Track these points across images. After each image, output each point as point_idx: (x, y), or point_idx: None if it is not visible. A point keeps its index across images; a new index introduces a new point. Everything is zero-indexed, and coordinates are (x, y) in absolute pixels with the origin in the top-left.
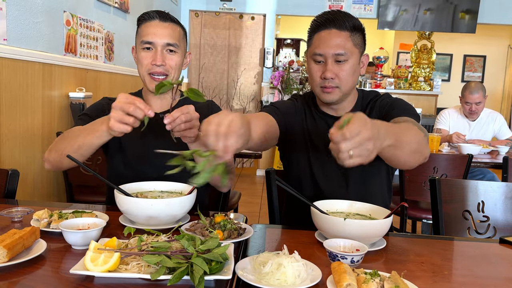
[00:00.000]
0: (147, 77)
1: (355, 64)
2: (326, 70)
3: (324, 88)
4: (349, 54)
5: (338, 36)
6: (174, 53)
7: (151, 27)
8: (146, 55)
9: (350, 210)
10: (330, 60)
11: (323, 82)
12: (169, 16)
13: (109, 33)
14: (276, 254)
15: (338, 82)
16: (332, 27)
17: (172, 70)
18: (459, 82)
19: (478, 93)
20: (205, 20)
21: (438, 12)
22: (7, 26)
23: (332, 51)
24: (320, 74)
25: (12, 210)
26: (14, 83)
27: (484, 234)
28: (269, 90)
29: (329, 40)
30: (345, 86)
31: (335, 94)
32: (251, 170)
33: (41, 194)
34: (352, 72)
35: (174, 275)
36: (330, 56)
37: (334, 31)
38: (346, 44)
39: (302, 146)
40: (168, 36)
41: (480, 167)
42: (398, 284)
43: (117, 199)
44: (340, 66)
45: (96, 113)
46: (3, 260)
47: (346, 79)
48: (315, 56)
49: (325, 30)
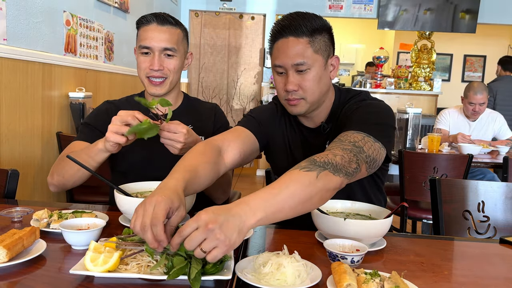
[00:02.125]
0: (146, 81)
1: (319, 71)
2: (288, 82)
3: (289, 101)
4: (310, 63)
5: (295, 44)
6: (172, 57)
7: (149, 31)
8: (145, 59)
9: (350, 210)
10: (291, 71)
11: (286, 94)
12: (167, 19)
13: (109, 33)
14: (276, 254)
15: (302, 93)
16: (288, 34)
17: (170, 73)
18: (459, 82)
19: (482, 94)
20: (205, 20)
21: (438, 12)
22: (7, 26)
23: (290, 61)
24: (283, 86)
25: (12, 210)
26: (14, 83)
27: (484, 234)
28: (269, 90)
29: (287, 49)
30: (311, 96)
31: (302, 106)
32: (251, 170)
33: (41, 194)
34: (317, 80)
35: (173, 271)
36: (290, 66)
37: (292, 39)
38: (306, 52)
39: (283, 155)
40: (166, 41)
41: (480, 167)
42: (398, 284)
43: (117, 199)
44: (302, 76)
45: (98, 118)
46: (3, 260)
47: (311, 89)
48: (276, 68)
49: (282, 38)
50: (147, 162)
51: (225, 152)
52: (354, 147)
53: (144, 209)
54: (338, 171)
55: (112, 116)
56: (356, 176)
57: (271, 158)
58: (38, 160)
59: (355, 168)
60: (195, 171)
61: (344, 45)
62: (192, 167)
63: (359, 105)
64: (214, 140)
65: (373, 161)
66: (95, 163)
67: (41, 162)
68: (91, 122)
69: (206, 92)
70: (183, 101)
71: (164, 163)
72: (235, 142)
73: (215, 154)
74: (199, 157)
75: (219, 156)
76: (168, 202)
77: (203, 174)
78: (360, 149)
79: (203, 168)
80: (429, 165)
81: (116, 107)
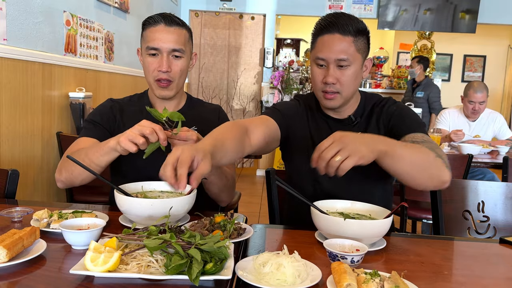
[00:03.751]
0: (155, 84)
1: (357, 69)
2: (328, 75)
3: (325, 94)
4: (351, 60)
5: (341, 41)
6: (179, 58)
7: (157, 32)
8: (153, 61)
9: (350, 210)
10: (332, 65)
11: (324, 86)
12: (174, 20)
13: (109, 33)
14: (276, 254)
15: (339, 87)
16: (335, 31)
17: (176, 76)
18: (459, 82)
19: (482, 92)
20: (205, 20)
21: (438, 12)
22: (7, 26)
23: (334, 56)
24: (322, 79)
25: (12, 210)
26: (14, 83)
27: (484, 234)
28: (269, 90)
29: (332, 45)
30: (347, 91)
31: (336, 101)
32: (251, 170)
33: (41, 194)
34: (354, 77)
35: (172, 266)
36: (332, 61)
37: (338, 36)
38: (349, 50)
39: (304, 147)
40: (174, 42)
41: (480, 167)
42: (398, 284)
43: (117, 199)
44: (342, 71)
45: (101, 116)
46: (3, 260)
47: (348, 85)
48: (317, 60)
49: (328, 34)
50: (147, 162)
51: (251, 133)
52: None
53: (172, 152)
54: (448, 168)
55: (116, 115)
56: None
57: (289, 152)
58: (38, 160)
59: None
60: (222, 142)
61: None
62: (222, 140)
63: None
64: (241, 122)
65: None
66: (104, 163)
67: (41, 162)
68: (96, 119)
69: (206, 92)
70: (186, 102)
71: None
72: (261, 126)
73: (242, 133)
74: (228, 132)
75: (246, 135)
76: (193, 152)
77: (230, 147)
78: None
79: (230, 142)
80: None
81: (120, 106)
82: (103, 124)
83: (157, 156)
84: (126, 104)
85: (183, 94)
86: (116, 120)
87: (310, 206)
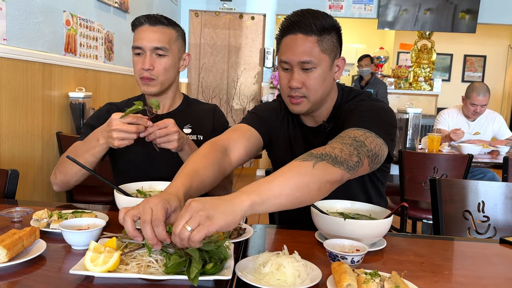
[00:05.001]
0: (140, 81)
1: (324, 71)
2: (292, 79)
3: (292, 98)
4: (316, 62)
5: (304, 41)
6: (163, 57)
7: (141, 32)
8: (138, 60)
9: (350, 210)
10: (296, 68)
11: (290, 91)
12: (159, 20)
13: (109, 33)
14: (276, 254)
15: (305, 91)
16: (298, 31)
17: (159, 74)
18: (459, 82)
19: (485, 96)
20: (205, 20)
21: (438, 12)
22: (7, 26)
23: (296, 58)
24: (287, 83)
25: (12, 210)
26: (14, 83)
27: (484, 234)
28: (269, 90)
29: (295, 46)
30: (314, 96)
31: (303, 105)
32: (251, 170)
33: (41, 194)
34: (321, 80)
35: (171, 265)
36: (296, 64)
37: (300, 36)
38: (313, 51)
39: (284, 152)
40: (156, 40)
41: (480, 167)
42: (398, 284)
43: (117, 199)
44: (307, 74)
45: (98, 119)
46: (3, 260)
47: (315, 89)
48: (282, 63)
49: (290, 34)
50: (147, 160)
51: (231, 152)
52: (354, 141)
53: (143, 208)
54: (338, 164)
55: None
56: (358, 170)
57: (273, 155)
58: (38, 160)
59: (356, 162)
60: (197, 175)
61: (344, 45)
62: (194, 171)
63: (359, 104)
64: (219, 140)
65: (375, 155)
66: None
67: (41, 162)
68: (93, 123)
69: (206, 92)
70: (183, 102)
71: (164, 161)
72: (240, 141)
73: (220, 155)
74: (202, 160)
75: (225, 156)
76: (166, 204)
77: (206, 175)
78: (361, 143)
79: (206, 171)
80: (429, 165)
81: (118, 108)
82: None
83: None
84: (124, 106)
85: (178, 94)
86: None
87: (310, 206)
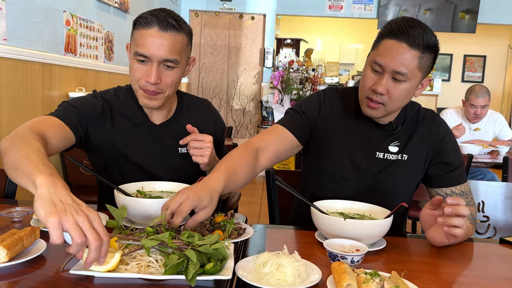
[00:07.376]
0: (139, 91)
1: (412, 86)
2: (379, 84)
3: (369, 101)
4: (409, 76)
5: (406, 53)
6: (172, 69)
7: (149, 37)
8: (140, 68)
9: (350, 210)
10: (388, 75)
11: (371, 93)
12: (170, 23)
13: (109, 33)
14: (276, 254)
15: (386, 99)
16: (403, 40)
17: (166, 88)
18: (459, 82)
19: (484, 97)
20: (205, 20)
21: (438, 12)
22: (7, 26)
23: (393, 66)
24: (372, 85)
25: (12, 210)
26: (14, 83)
27: (484, 234)
28: (269, 90)
29: (396, 54)
30: (392, 106)
31: (379, 112)
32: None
33: None
34: (406, 94)
35: (169, 266)
36: (390, 71)
37: (404, 46)
38: (411, 65)
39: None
40: (167, 51)
41: (480, 167)
42: (398, 284)
43: (117, 199)
44: (395, 85)
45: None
46: (3, 260)
47: (397, 100)
48: (374, 64)
49: (395, 40)
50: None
51: (261, 155)
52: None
53: (176, 198)
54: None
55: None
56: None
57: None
58: None
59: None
60: (234, 171)
61: (344, 45)
62: (234, 169)
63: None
64: (252, 143)
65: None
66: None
67: None
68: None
69: (206, 92)
70: (178, 103)
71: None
72: (272, 145)
73: (253, 157)
74: (238, 159)
75: (255, 158)
76: (196, 201)
77: (242, 174)
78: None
79: (242, 169)
80: None
81: (109, 104)
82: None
83: (157, 155)
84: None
85: (174, 101)
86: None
87: (310, 206)
